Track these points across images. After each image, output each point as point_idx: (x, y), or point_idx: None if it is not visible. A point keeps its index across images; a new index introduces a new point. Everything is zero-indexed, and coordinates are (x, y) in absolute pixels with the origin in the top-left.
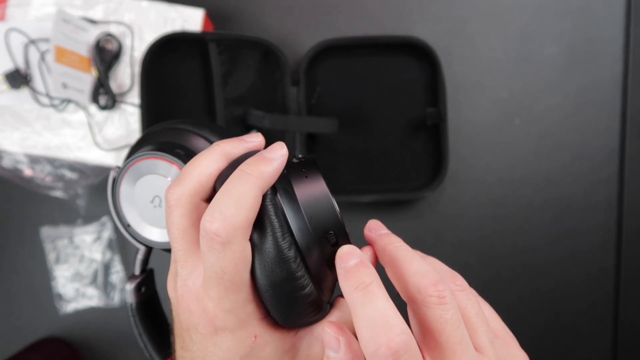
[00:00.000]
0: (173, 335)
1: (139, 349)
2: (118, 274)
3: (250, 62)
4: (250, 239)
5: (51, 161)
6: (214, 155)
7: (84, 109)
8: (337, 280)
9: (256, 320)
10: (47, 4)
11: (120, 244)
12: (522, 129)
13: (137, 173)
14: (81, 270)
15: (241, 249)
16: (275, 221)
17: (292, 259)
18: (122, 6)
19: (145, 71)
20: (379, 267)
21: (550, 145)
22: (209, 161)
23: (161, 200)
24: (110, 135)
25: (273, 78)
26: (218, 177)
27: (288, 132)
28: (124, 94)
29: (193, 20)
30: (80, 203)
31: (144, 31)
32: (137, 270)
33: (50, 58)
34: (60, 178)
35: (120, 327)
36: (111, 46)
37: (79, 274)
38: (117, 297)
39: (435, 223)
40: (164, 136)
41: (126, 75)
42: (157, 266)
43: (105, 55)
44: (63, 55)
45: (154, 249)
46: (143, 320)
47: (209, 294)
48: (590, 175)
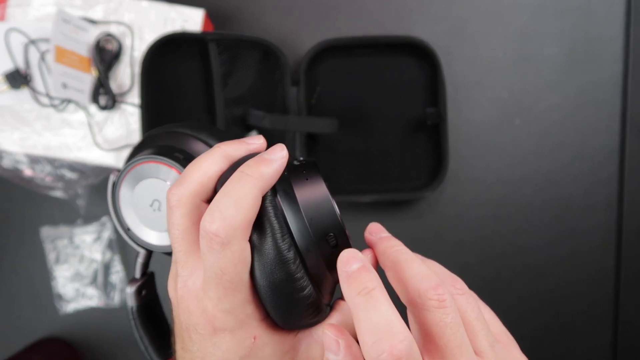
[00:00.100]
0: (173, 335)
1: (138, 348)
2: (118, 274)
3: (250, 62)
4: (250, 240)
5: (51, 161)
6: (216, 156)
7: (84, 109)
8: (337, 283)
9: (255, 321)
10: (47, 4)
11: (120, 244)
12: (522, 129)
13: (137, 177)
14: (81, 270)
15: (240, 250)
16: (275, 222)
17: (292, 260)
18: (122, 6)
19: (145, 71)
20: (379, 271)
21: (550, 145)
22: (210, 163)
23: (160, 204)
24: (110, 135)
25: (273, 78)
26: (219, 179)
27: (288, 132)
28: (124, 94)
29: (193, 20)
30: (80, 203)
31: (144, 31)
32: (138, 274)
33: (50, 58)
34: (60, 178)
35: (120, 327)
36: (111, 46)
37: (79, 274)
38: (117, 297)
39: (435, 223)
40: (164, 140)
41: (126, 75)
42: (158, 269)
43: (105, 55)
44: (63, 55)
45: (155, 252)
46: (144, 323)
47: (208, 295)
48: (590, 175)
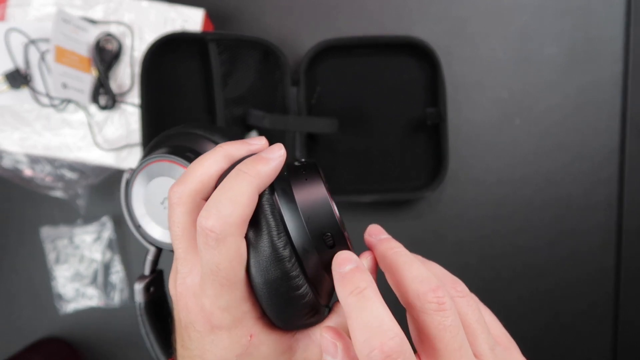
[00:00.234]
0: (174, 334)
1: (138, 348)
2: (118, 274)
3: (250, 62)
4: (246, 237)
5: (51, 161)
6: (217, 156)
7: (84, 109)
8: None
9: (252, 319)
10: (47, 4)
11: (120, 244)
12: (522, 129)
13: (149, 175)
14: (81, 270)
15: (236, 246)
16: (271, 220)
17: (287, 258)
18: (122, 6)
19: (145, 71)
20: (380, 272)
21: (550, 145)
22: (211, 162)
23: None
24: (110, 135)
25: (273, 78)
26: (220, 178)
27: (288, 132)
28: (124, 94)
29: (193, 20)
30: (80, 203)
31: (144, 31)
32: (147, 271)
33: (50, 58)
34: (60, 178)
35: (120, 327)
36: (111, 46)
37: (79, 274)
38: (117, 297)
39: (435, 223)
40: (177, 140)
41: (126, 75)
42: (167, 269)
43: (105, 55)
44: (63, 55)
45: (164, 250)
46: (151, 320)
47: (205, 292)
48: (590, 175)
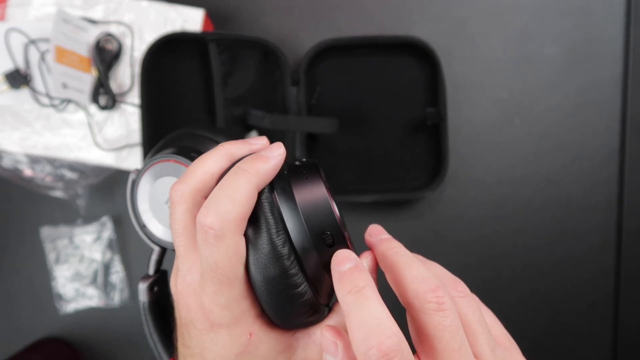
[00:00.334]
0: (175, 332)
1: (138, 348)
2: (118, 274)
3: (250, 62)
4: (245, 235)
5: (51, 161)
6: (218, 155)
7: (84, 109)
8: None
9: (251, 317)
10: (47, 4)
11: (121, 244)
12: (522, 129)
13: (154, 175)
14: (81, 270)
15: (235, 243)
16: (270, 218)
17: (286, 256)
18: (122, 6)
19: (145, 71)
20: (380, 272)
21: (550, 145)
22: (212, 161)
23: None
24: (110, 135)
25: (273, 78)
26: (220, 177)
27: (288, 132)
28: (124, 94)
29: (193, 20)
30: (80, 203)
31: (144, 31)
32: (151, 270)
33: (50, 58)
34: (60, 178)
35: (120, 327)
36: (111, 46)
37: (79, 274)
38: (117, 297)
39: (435, 223)
40: (183, 141)
41: (126, 75)
42: (170, 269)
43: (105, 55)
44: (63, 55)
45: (168, 250)
46: (154, 319)
47: (205, 289)
48: (590, 175)
